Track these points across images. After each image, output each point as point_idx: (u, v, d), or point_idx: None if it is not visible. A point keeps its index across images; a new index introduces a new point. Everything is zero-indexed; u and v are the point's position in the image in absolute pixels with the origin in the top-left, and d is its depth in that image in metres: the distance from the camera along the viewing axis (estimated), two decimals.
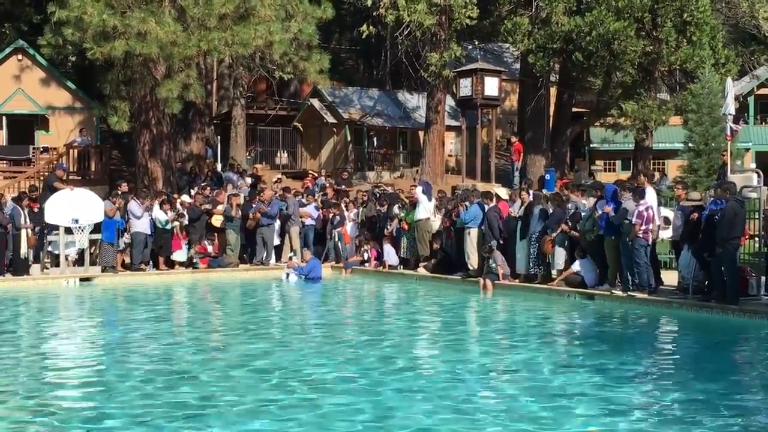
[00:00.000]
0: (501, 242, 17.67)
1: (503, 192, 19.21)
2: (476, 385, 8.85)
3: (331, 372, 9.39)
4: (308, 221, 22.56)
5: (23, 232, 19.10)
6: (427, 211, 19.83)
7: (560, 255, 16.49)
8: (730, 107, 19.90)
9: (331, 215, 22.53)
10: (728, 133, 20.64)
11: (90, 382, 9.20)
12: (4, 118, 30.43)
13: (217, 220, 21.58)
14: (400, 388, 8.60)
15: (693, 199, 14.49)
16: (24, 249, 19.20)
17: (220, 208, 21.66)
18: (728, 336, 12.28)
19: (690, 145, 23.19)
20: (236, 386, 8.73)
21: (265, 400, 8.11)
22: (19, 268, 19.12)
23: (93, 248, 20.01)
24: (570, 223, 16.32)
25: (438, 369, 9.71)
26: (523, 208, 17.51)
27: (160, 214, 20.41)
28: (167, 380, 8.98)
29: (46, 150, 30.19)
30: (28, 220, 19.29)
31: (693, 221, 14.14)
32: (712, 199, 14.07)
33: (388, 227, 21.17)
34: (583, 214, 16.26)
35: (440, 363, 10.13)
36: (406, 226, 20.39)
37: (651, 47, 27.95)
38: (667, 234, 16.33)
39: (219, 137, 35.40)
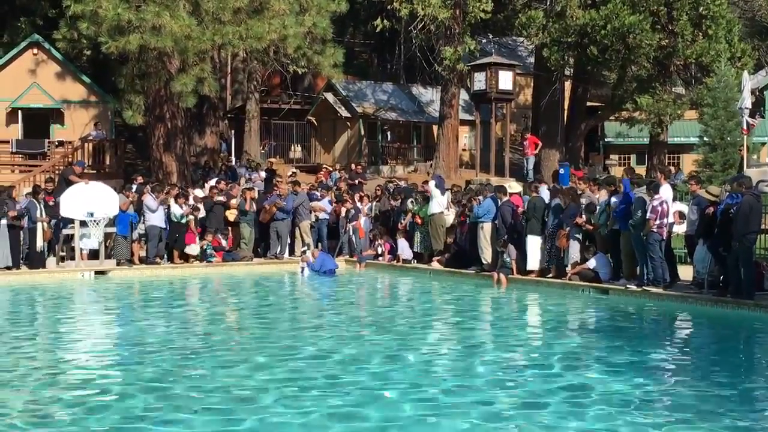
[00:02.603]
0: (515, 236, 17.63)
1: (517, 186, 19.17)
2: (489, 379, 8.83)
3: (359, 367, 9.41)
4: (322, 215, 22.56)
5: (39, 226, 19.22)
6: (440, 205, 19.81)
7: (575, 249, 16.45)
8: (747, 101, 19.85)
9: (345, 209, 22.53)
10: (744, 127, 20.59)
11: (105, 376, 9.25)
12: (19, 111, 30.56)
13: (231, 214, 21.63)
14: (416, 381, 8.61)
15: (711, 193, 14.40)
16: (40, 242, 19.33)
17: (234, 202, 21.70)
18: (743, 331, 12.22)
19: (705, 139, 23.13)
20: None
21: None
22: (35, 261, 19.24)
23: (108, 241, 20.11)
24: (585, 216, 16.28)
25: (451, 364, 9.71)
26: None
27: (175, 208, 20.49)
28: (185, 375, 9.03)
29: (61, 144, 30.33)
30: (44, 213, 19.41)
31: (708, 216, 14.07)
32: (728, 193, 13.99)
33: (402, 221, 21.16)
34: (597, 207, 16.22)
35: (453, 358, 10.13)
36: (419, 221, 20.38)
37: (666, 41, 27.83)
38: (681, 228, 16.27)
39: (233, 131, 35.48)
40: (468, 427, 7.02)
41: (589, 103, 34.51)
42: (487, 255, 18.14)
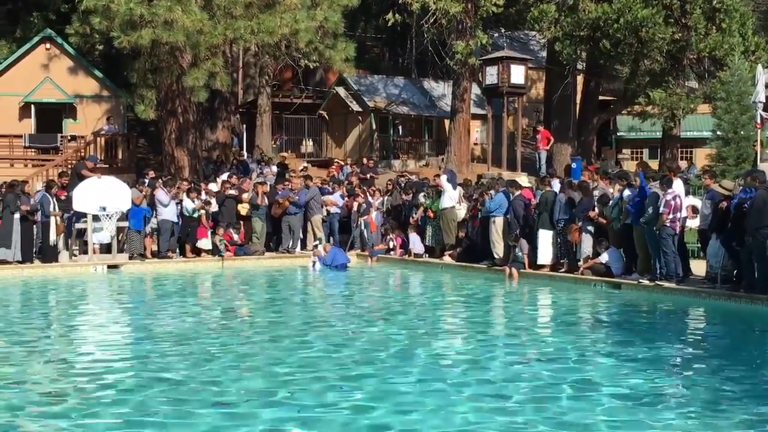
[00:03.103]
0: (527, 231, 17.61)
1: (526, 181, 19.16)
2: (501, 373, 8.82)
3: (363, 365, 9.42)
4: (333, 209, 22.58)
5: (52, 220, 19.30)
6: (452, 199, 19.79)
7: (587, 243, 16.41)
8: (760, 95, 19.72)
9: (356, 204, 22.54)
10: (758, 121, 20.45)
11: (117, 369, 9.28)
12: (32, 106, 30.70)
13: (243, 208, 21.66)
14: (427, 378, 8.61)
15: (725, 187, 14.33)
16: (53, 236, 19.41)
17: (245, 196, 21.74)
18: (757, 326, 12.16)
19: (718, 133, 22.99)
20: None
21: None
22: (48, 255, 19.32)
23: (120, 235, 20.19)
24: (597, 208, 16.23)
25: (463, 358, 9.71)
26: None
27: (187, 203, 20.55)
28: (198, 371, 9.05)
29: (74, 138, 30.44)
30: (56, 207, 19.49)
31: (722, 210, 14.01)
32: (741, 187, 13.91)
33: (414, 215, 21.15)
34: (610, 200, 16.18)
35: (466, 352, 10.12)
36: (431, 215, 20.37)
37: (679, 34, 27.66)
38: (694, 223, 16.20)
39: (245, 126, 35.51)
40: (477, 420, 7.02)
41: (601, 97, 34.37)
42: (498, 249, 18.11)
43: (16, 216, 18.55)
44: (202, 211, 20.86)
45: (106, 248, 20.06)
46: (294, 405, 7.49)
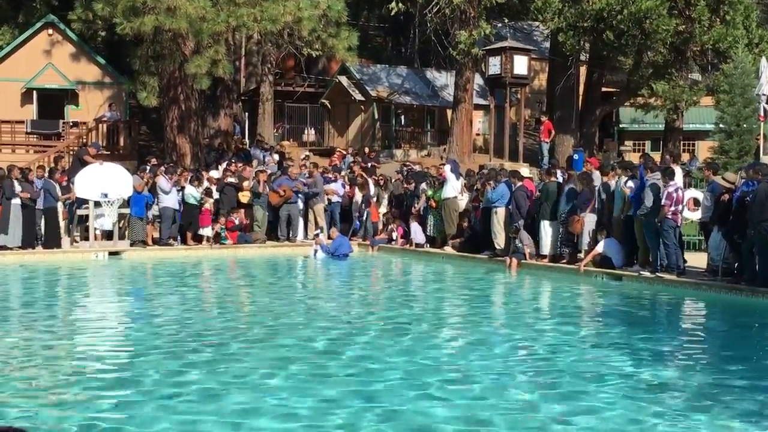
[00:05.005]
0: (529, 221, 17.61)
1: (527, 171, 19.16)
2: (501, 365, 8.83)
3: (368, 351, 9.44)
4: (334, 198, 22.58)
5: (59, 205, 19.32)
6: (454, 189, 19.78)
7: (588, 234, 16.39)
8: (764, 87, 19.69)
9: (362, 194, 22.52)
10: (761, 113, 20.43)
11: (118, 356, 9.30)
12: (34, 92, 30.65)
13: (244, 197, 21.65)
14: (421, 368, 8.62)
15: (728, 180, 14.31)
16: (60, 222, 19.42)
17: (246, 184, 21.73)
18: (758, 318, 12.15)
19: (721, 126, 22.95)
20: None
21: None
22: (52, 241, 19.32)
23: (122, 222, 20.19)
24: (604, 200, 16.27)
25: (462, 348, 9.72)
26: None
27: (191, 190, 20.54)
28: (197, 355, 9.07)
29: (75, 124, 30.40)
30: (60, 193, 19.51)
31: (723, 203, 14.00)
32: (743, 180, 13.90)
33: (416, 205, 21.14)
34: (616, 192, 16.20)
35: (464, 342, 10.13)
36: (433, 204, 20.36)
37: (683, 26, 27.59)
38: (696, 215, 16.19)
39: (247, 114, 35.48)
40: (476, 412, 7.03)
41: (604, 89, 34.32)
42: (500, 240, 18.11)
43: (14, 202, 18.52)
44: (208, 199, 20.87)
45: (107, 235, 20.07)
46: (301, 392, 7.52)
